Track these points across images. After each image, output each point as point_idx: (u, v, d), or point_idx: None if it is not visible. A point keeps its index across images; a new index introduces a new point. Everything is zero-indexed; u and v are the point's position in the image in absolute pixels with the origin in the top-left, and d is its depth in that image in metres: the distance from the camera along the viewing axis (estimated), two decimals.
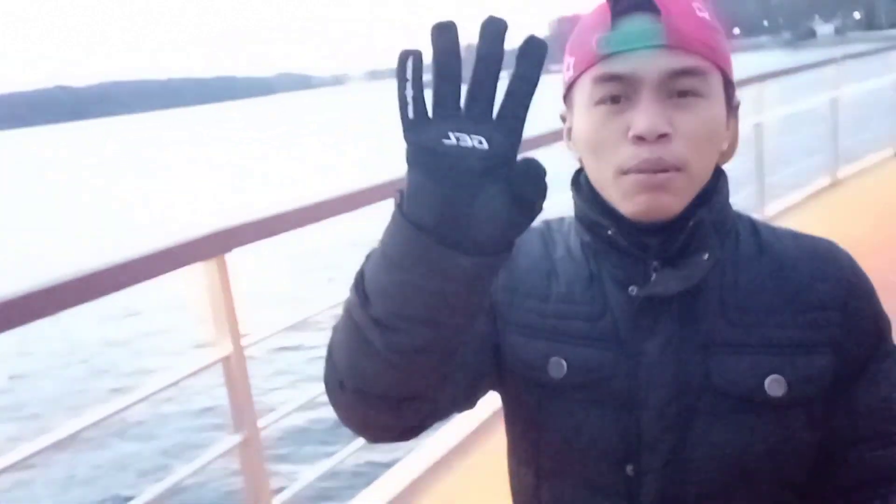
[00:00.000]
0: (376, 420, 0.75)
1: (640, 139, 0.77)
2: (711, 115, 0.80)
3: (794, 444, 0.82)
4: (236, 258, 1.97)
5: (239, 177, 26.44)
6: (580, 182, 0.89)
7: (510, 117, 0.55)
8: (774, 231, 0.90)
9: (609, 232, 0.83)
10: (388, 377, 0.68)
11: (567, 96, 0.87)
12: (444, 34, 0.54)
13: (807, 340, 0.82)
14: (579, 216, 0.89)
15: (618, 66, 0.78)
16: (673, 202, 0.80)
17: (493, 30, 0.53)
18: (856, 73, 7.23)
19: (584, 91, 0.81)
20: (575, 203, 0.90)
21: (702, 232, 0.82)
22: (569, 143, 0.89)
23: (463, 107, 0.55)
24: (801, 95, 6.58)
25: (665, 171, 0.78)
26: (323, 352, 0.76)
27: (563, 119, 0.90)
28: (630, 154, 0.78)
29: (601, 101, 0.80)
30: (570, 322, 0.85)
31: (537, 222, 0.94)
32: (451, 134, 0.55)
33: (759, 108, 5.55)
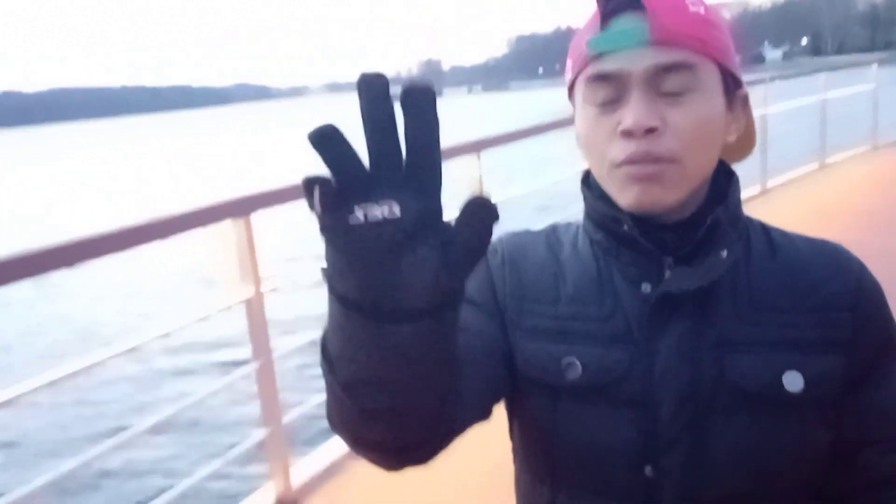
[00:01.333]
0: (388, 462, 0.74)
1: (628, 134, 0.78)
2: (704, 109, 0.80)
3: (812, 445, 0.82)
4: (260, 218, 2.46)
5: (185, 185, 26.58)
6: (591, 181, 0.90)
7: (420, 172, 0.50)
8: (784, 233, 0.91)
9: (625, 227, 0.83)
10: (379, 432, 0.66)
11: (571, 97, 0.89)
12: (327, 139, 0.49)
13: (819, 339, 0.82)
14: (591, 214, 0.89)
15: (606, 66, 0.80)
16: (665, 194, 0.80)
17: (373, 88, 0.48)
18: (785, 92, 7.97)
19: (580, 92, 0.84)
20: (586, 201, 0.90)
21: (719, 230, 0.83)
22: (578, 142, 0.90)
23: (368, 174, 0.50)
24: None
25: (656, 162, 0.79)
26: None
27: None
28: (619, 149, 0.80)
29: (593, 101, 0.82)
30: (581, 323, 0.84)
31: (544, 226, 0.97)
32: (356, 208, 0.50)
33: None
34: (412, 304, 0.53)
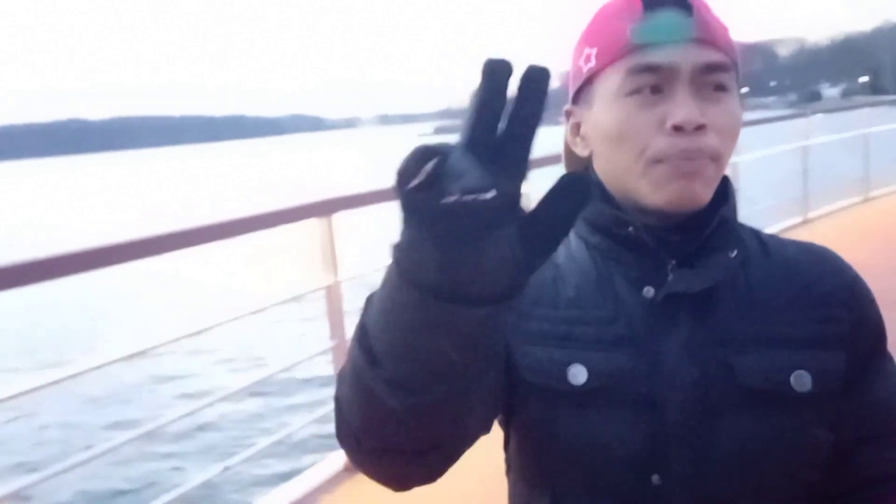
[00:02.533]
0: (400, 473, 0.72)
1: (677, 129, 0.77)
2: (735, 109, 0.81)
3: (816, 444, 0.81)
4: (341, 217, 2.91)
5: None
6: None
7: (513, 160, 0.49)
8: (774, 237, 0.92)
9: (630, 228, 0.82)
10: (408, 432, 0.65)
11: (582, 90, 0.86)
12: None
13: (820, 336, 0.82)
14: (589, 217, 0.87)
15: (654, 57, 0.78)
16: (704, 191, 0.80)
17: (497, 73, 0.47)
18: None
19: (612, 82, 0.81)
20: None
21: (725, 229, 0.83)
22: (575, 139, 0.87)
23: (466, 154, 0.48)
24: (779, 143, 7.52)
25: (700, 159, 0.78)
26: None
27: (568, 115, 0.89)
28: (666, 144, 0.78)
29: (633, 92, 0.79)
30: (583, 327, 0.82)
31: None
32: (451, 188, 0.47)
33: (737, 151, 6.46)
34: (490, 288, 0.53)
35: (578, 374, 0.80)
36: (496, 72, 0.47)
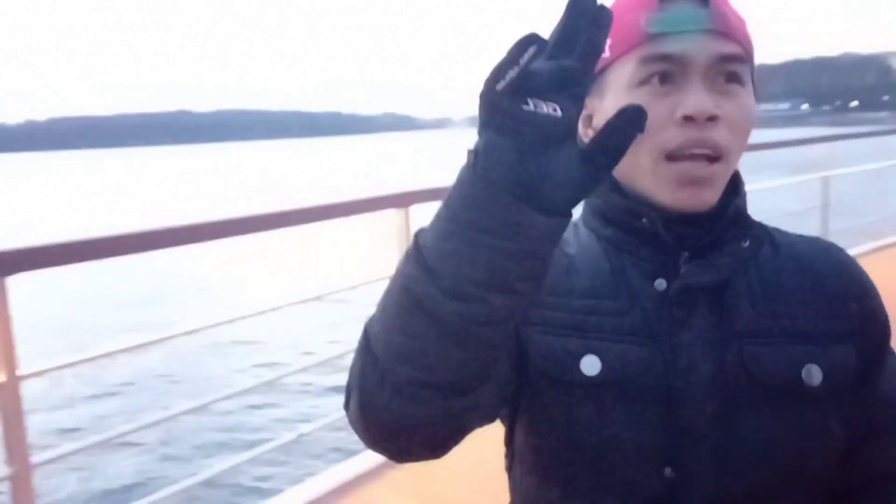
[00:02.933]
0: (412, 425, 0.68)
1: (689, 119, 0.77)
2: (750, 105, 0.80)
3: (829, 439, 0.81)
4: (417, 210, 3.04)
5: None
6: None
7: (576, 86, 0.56)
8: (781, 231, 0.92)
9: (644, 220, 0.82)
10: (449, 358, 0.64)
11: (594, 80, 0.85)
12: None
13: (832, 331, 0.82)
14: (601, 208, 0.87)
15: (669, 47, 0.78)
16: (712, 196, 0.80)
17: (578, 4, 0.55)
18: None
19: (625, 72, 0.80)
20: (598, 194, 0.87)
21: (738, 220, 0.83)
22: (587, 130, 0.87)
23: (544, 74, 0.55)
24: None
25: (714, 159, 0.78)
26: None
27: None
28: (676, 134, 0.78)
29: (645, 82, 0.79)
30: (598, 318, 0.82)
31: None
32: (529, 100, 0.55)
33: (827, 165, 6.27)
34: (557, 198, 0.57)
35: (592, 365, 0.79)
36: (579, 4, 0.55)
